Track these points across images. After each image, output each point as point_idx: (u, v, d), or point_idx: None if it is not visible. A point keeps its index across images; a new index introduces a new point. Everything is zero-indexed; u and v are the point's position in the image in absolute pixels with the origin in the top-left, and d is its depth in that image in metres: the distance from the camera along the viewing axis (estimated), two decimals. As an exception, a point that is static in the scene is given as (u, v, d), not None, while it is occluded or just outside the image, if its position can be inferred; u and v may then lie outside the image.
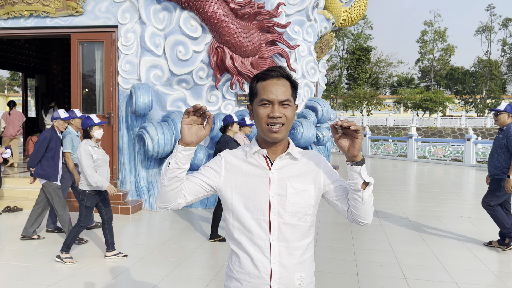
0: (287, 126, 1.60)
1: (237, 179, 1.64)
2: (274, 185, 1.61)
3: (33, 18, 8.04)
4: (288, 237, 1.61)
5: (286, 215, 1.60)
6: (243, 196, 1.62)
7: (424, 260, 5.12)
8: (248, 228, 1.61)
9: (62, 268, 4.66)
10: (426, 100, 39.90)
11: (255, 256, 1.60)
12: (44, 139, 5.63)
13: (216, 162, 1.69)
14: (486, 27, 51.14)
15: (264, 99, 1.58)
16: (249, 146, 1.69)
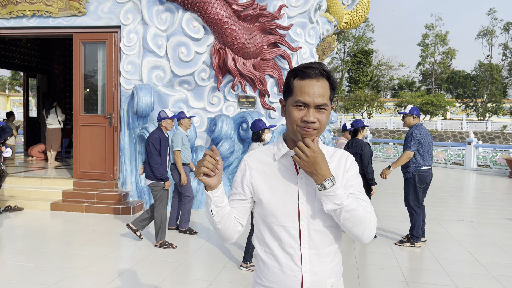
0: (320, 131, 1.52)
1: (263, 184, 1.57)
2: (303, 190, 1.54)
3: (36, 18, 8.05)
4: (319, 244, 1.54)
5: (315, 221, 1.53)
6: (271, 202, 1.55)
7: (425, 263, 5.11)
8: (277, 235, 1.55)
9: (63, 268, 4.66)
10: (427, 103, 39.90)
11: (285, 264, 1.54)
12: (155, 140, 5.54)
13: (242, 172, 1.63)
14: (488, 31, 51.18)
15: (300, 101, 1.48)
16: (277, 146, 1.61)
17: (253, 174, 1.60)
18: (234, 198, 1.64)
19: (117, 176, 8.05)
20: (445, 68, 51.44)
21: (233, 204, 1.64)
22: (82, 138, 8.13)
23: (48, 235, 6.00)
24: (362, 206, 1.50)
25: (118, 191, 7.78)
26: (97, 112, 8.24)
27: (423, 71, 53.60)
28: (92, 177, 8.07)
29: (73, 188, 7.95)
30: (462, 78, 47.69)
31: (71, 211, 7.45)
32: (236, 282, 4.38)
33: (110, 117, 8.01)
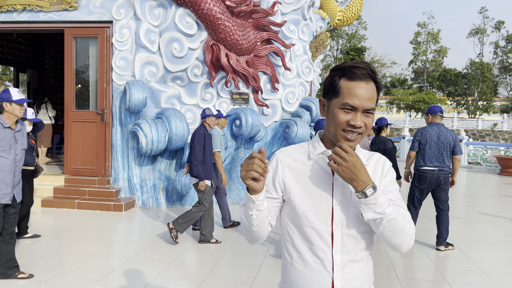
0: (364, 135, 1.46)
1: (296, 183, 1.50)
2: (338, 192, 1.47)
3: (27, 12, 7.95)
4: (351, 250, 1.47)
5: (350, 226, 1.46)
6: (303, 203, 1.48)
7: (417, 260, 5.15)
8: (308, 238, 1.48)
9: (54, 265, 4.62)
10: (419, 101, 40.14)
11: (315, 269, 1.47)
12: (200, 136, 5.46)
13: (273, 169, 1.54)
14: (479, 30, 51.55)
15: (348, 104, 1.41)
16: (312, 145, 1.54)
17: (286, 171, 1.52)
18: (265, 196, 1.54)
19: (109, 172, 8.00)
20: (436, 66, 51.78)
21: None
22: (74, 134, 8.06)
23: (39, 232, 5.94)
24: (402, 215, 1.42)
25: (110, 187, 7.74)
26: (88, 108, 8.17)
27: (415, 69, 53.89)
28: (84, 173, 8.01)
29: (64, 185, 7.89)
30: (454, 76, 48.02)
31: (62, 207, 7.39)
32: (229, 279, 4.38)
33: (102, 113, 7.95)
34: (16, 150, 4.11)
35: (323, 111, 1.52)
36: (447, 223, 5.60)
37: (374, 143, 6.27)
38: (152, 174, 7.87)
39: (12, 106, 3.97)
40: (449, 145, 5.55)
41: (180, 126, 7.39)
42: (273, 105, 8.59)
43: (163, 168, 7.95)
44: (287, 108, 8.77)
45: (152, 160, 7.85)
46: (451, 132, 5.60)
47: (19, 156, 4.15)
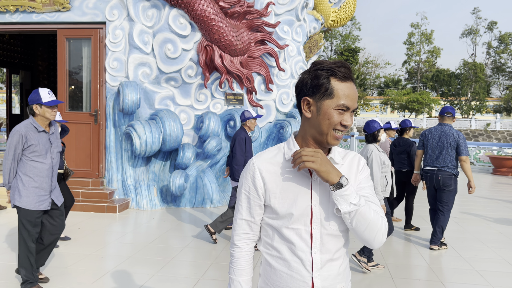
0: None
1: (276, 187, 1.51)
2: (316, 192, 1.49)
3: (19, 13, 7.90)
4: (330, 249, 1.50)
5: (329, 225, 1.49)
6: (283, 205, 1.49)
7: (410, 259, 5.17)
8: (288, 238, 1.50)
9: (48, 268, 4.60)
10: (413, 101, 40.36)
11: (295, 269, 1.49)
12: (241, 140, 5.42)
13: (251, 176, 1.54)
14: (472, 30, 51.93)
15: (344, 105, 1.44)
16: (288, 146, 1.55)
17: (264, 175, 1.52)
18: (252, 205, 1.56)
19: (103, 174, 7.97)
20: (430, 67, 52.09)
21: (255, 214, 1.57)
22: (67, 135, 8.01)
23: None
24: (373, 210, 1.47)
25: (103, 189, 7.70)
26: (82, 109, 8.13)
27: (408, 69, 54.19)
28: (77, 175, 7.96)
29: (57, 186, 7.84)
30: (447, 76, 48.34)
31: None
32: (223, 280, 4.37)
33: (95, 114, 7.92)
34: (52, 153, 3.93)
35: (308, 111, 1.49)
36: (442, 224, 5.54)
37: (398, 144, 6.45)
38: (146, 175, 7.85)
39: (42, 108, 3.76)
40: (450, 145, 5.46)
41: (174, 127, 7.38)
42: (267, 106, 8.60)
43: (157, 169, 7.93)
44: (281, 109, 8.79)
45: (146, 161, 7.83)
46: (454, 132, 5.48)
47: (55, 160, 3.97)
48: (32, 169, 3.78)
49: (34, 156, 3.77)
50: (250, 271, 1.62)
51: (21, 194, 3.77)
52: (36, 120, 3.80)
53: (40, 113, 3.77)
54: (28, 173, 3.78)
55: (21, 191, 3.77)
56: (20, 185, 3.78)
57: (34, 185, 3.80)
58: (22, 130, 3.72)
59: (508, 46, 50.56)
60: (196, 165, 7.88)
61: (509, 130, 34.84)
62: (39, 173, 3.81)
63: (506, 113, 44.53)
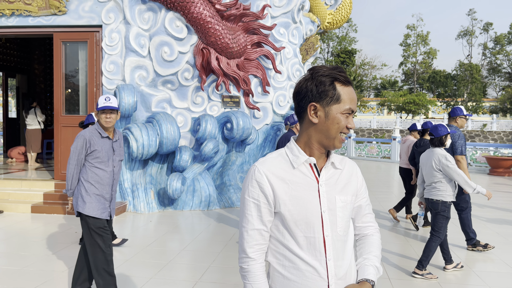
0: None
1: (285, 195, 1.47)
2: (324, 198, 1.48)
3: (15, 17, 7.89)
4: (342, 254, 1.51)
5: (338, 229, 1.50)
6: (293, 213, 1.47)
7: (406, 260, 5.18)
8: (301, 247, 1.47)
9: (44, 271, 4.58)
10: (409, 102, 40.48)
11: (310, 279, 1.46)
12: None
13: (258, 183, 1.49)
14: (467, 31, 52.17)
15: (350, 109, 1.47)
16: (292, 153, 1.52)
17: (272, 182, 1.48)
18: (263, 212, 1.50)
19: (100, 177, 7.94)
20: (426, 68, 52.27)
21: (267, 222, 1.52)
22: (64, 139, 8.00)
23: (29, 238, 5.89)
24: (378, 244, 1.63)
25: (101, 192, 7.68)
26: (78, 113, 8.12)
27: (405, 71, 54.36)
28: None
29: (54, 190, 7.83)
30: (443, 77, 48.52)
31: (52, 213, 7.33)
32: (220, 283, 4.37)
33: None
34: (114, 161, 3.76)
35: (315, 117, 1.48)
36: (463, 225, 5.59)
37: (418, 145, 6.60)
38: (143, 178, 7.84)
39: (98, 114, 3.65)
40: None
41: (171, 130, 7.38)
42: (264, 108, 8.61)
43: (154, 172, 7.92)
44: (278, 111, 8.80)
45: (143, 164, 7.82)
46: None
47: (116, 168, 3.80)
48: (93, 176, 3.66)
49: (96, 162, 3.65)
50: (266, 284, 1.53)
51: (85, 201, 3.63)
52: (100, 126, 3.70)
53: (98, 119, 3.68)
54: (89, 179, 3.66)
55: (84, 197, 3.63)
56: (83, 191, 3.65)
57: (96, 192, 3.66)
58: (87, 135, 3.62)
59: (503, 47, 50.81)
60: (193, 168, 7.88)
61: (505, 131, 34.99)
62: (100, 181, 3.67)
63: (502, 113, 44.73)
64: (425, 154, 4.83)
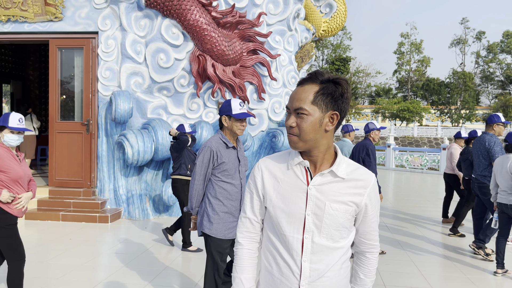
0: (301, 138, 1.47)
1: (273, 191, 1.54)
2: (311, 202, 1.49)
3: (11, 23, 7.89)
4: (321, 260, 1.50)
5: (321, 236, 1.49)
6: (277, 210, 1.52)
7: (403, 267, 5.20)
8: (281, 244, 1.53)
9: (39, 279, 4.54)
10: (403, 110, 40.72)
11: (284, 275, 1.51)
12: (373, 150, 5.43)
13: (255, 176, 1.60)
14: (460, 40, 52.69)
15: (287, 106, 1.52)
16: (291, 155, 1.56)
17: (265, 177, 1.57)
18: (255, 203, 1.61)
19: (95, 183, 7.92)
20: (420, 76, 52.66)
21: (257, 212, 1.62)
22: (59, 145, 7.97)
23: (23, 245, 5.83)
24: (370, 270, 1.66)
25: (95, 199, 7.65)
26: (74, 119, 8.10)
27: (399, 79, 54.73)
28: (69, 185, 7.91)
29: (48, 197, 7.78)
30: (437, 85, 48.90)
31: (47, 220, 7.28)
32: (216, 289, 4.35)
33: (87, 123, 7.89)
34: (241, 172, 3.37)
35: None
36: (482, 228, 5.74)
37: (463, 153, 6.82)
38: (138, 185, 7.82)
39: (231, 121, 3.25)
40: (479, 152, 5.57)
41: (167, 137, 7.38)
42: (260, 115, 8.64)
43: (149, 178, 7.90)
44: (273, 118, 8.83)
45: (138, 170, 7.80)
46: (485, 138, 5.47)
47: (243, 181, 3.38)
48: (222, 192, 3.25)
49: (224, 176, 3.25)
50: (252, 270, 1.63)
51: (211, 221, 3.22)
52: (224, 134, 3.30)
53: (228, 126, 3.26)
54: (218, 195, 3.24)
55: (210, 217, 3.23)
56: (209, 210, 3.25)
57: (224, 210, 3.25)
58: (213, 146, 3.23)
59: (496, 55, 51.36)
60: (188, 174, 7.86)
61: (498, 138, 35.22)
62: (229, 196, 3.27)
63: (495, 121, 44.97)
64: (499, 159, 4.96)
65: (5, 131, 3.39)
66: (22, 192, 3.47)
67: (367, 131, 5.78)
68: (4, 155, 3.35)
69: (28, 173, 3.56)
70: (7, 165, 3.35)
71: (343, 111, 1.49)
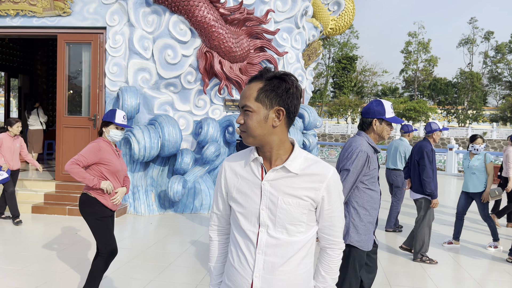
0: (249, 134, 1.50)
1: (233, 188, 1.62)
2: (265, 197, 1.53)
3: (19, 18, 7.92)
4: (276, 253, 1.52)
5: (275, 229, 1.52)
6: (236, 205, 1.60)
7: (408, 267, 5.18)
8: (240, 237, 1.59)
9: (45, 272, 4.58)
10: (410, 109, 40.56)
11: (241, 265, 1.57)
12: (429, 152, 5.29)
13: (220, 175, 1.70)
14: (469, 40, 52.34)
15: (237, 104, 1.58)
16: (250, 152, 1.62)
17: (227, 175, 1.65)
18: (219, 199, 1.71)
19: (101, 178, 7.94)
20: (427, 75, 52.39)
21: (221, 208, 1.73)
22: (66, 139, 8.01)
23: (30, 239, 5.88)
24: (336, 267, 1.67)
25: (101, 194, 7.68)
26: (81, 114, 8.13)
27: (406, 78, 54.48)
28: (75, 179, 7.93)
29: (55, 191, 7.82)
30: (444, 85, 48.64)
31: (53, 214, 7.32)
32: (221, 286, 4.36)
33: (94, 119, 7.92)
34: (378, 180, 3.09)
35: None
36: None
37: None
38: (144, 180, 7.84)
39: (382, 125, 2.98)
40: None
41: (173, 133, 7.39)
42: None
43: (155, 174, 7.92)
44: (280, 116, 8.81)
45: (144, 166, 7.82)
46: None
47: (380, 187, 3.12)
48: (369, 200, 2.95)
49: (370, 183, 2.95)
50: (222, 259, 1.76)
51: (359, 232, 2.92)
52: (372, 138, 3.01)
53: (378, 130, 2.97)
54: (365, 204, 2.95)
55: (358, 227, 2.92)
56: (357, 220, 2.93)
57: (369, 219, 2.96)
58: (369, 150, 2.90)
59: (504, 56, 50.96)
60: (194, 171, 7.88)
61: (505, 139, 34.99)
62: (374, 205, 2.98)
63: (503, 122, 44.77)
64: None
65: (111, 126, 3.61)
66: (118, 186, 3.68)
67: (428, 131, 5.53)
68: (106, 149, 3.57)
69: (124, 168, 3.74)
70: (108, 159, 3.55)
71: (291, 106, 1.50)
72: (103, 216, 3.58)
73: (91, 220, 3.55)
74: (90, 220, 3.55)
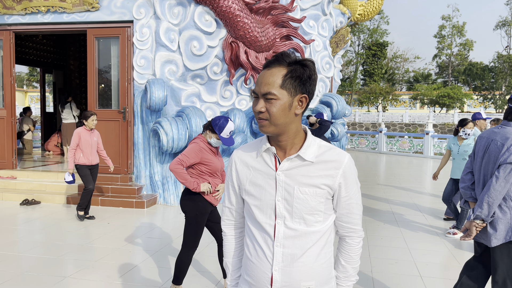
0: (272, 122, 1.43)
1: (245, 180, 1.57)
2: (280, 187, 1.49)
3: (50, 14, 8.14)
4: (294, 244, 1.50)
5: (292, 220, 1.49)
6: (250, 198, 1.56)
7: (440, 258, 5.04)
8: (256, 230, 1.56)
9: (78, 261, 4.73)
10: (443, 96, 39.25)
11: (259, 260, 1.54)
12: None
13: (230, 167, 1.66)
14: (506, 22, 49.95)
15: (254, 91, 1.48)
16: (261, 141, 1.57)
17: (238, 167, 1.61)
18: (231, 193, 1.68)
19: (131, 170, 8.13)
20: (462, 60, 50.50)
21: (233, 201, 1.69)
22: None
23: (64, 228, 6.10)
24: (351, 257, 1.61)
25: (132, 185, 7.86)
26: (111, 107, 8.31)
27: (439, 63, 52.70)
28: (107, 171, 8.15)
29: (88, 182, 8.05)
30: (480, 70, 46.76)
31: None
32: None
33: (124, 111, 8.07)
34: None
35: None
36: None
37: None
38: (173, 171, 7.95)
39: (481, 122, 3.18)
40: None
41: (200, 124, 7.44)
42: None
43: (184, 165, 8.02)
44: (307, 105, 8.72)
45: (173, 157, 7.93)
46: None
47: None
48: None
49: None
50: (237, 253, 1.74)
51: None
52: None
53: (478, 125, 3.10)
54: None
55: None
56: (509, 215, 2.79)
57: None
58: None
59: (545, 37, 48.39)
60: (222, 161, 7.93)
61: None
62: None
63: (544, 107, 42.61)
64: None
65: (215, 135, 3.67)
66: (219, 182, 3.80)
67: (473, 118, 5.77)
68: (206, 149, 3.68)
69: (222, 165, 3.85)
70: (208, 159, 3.67)
71: (311, 93, 1.48)
72: (204, 211, 3.65)
73: (191, 214, 3.61)
74: (189, 214, 3.62)
